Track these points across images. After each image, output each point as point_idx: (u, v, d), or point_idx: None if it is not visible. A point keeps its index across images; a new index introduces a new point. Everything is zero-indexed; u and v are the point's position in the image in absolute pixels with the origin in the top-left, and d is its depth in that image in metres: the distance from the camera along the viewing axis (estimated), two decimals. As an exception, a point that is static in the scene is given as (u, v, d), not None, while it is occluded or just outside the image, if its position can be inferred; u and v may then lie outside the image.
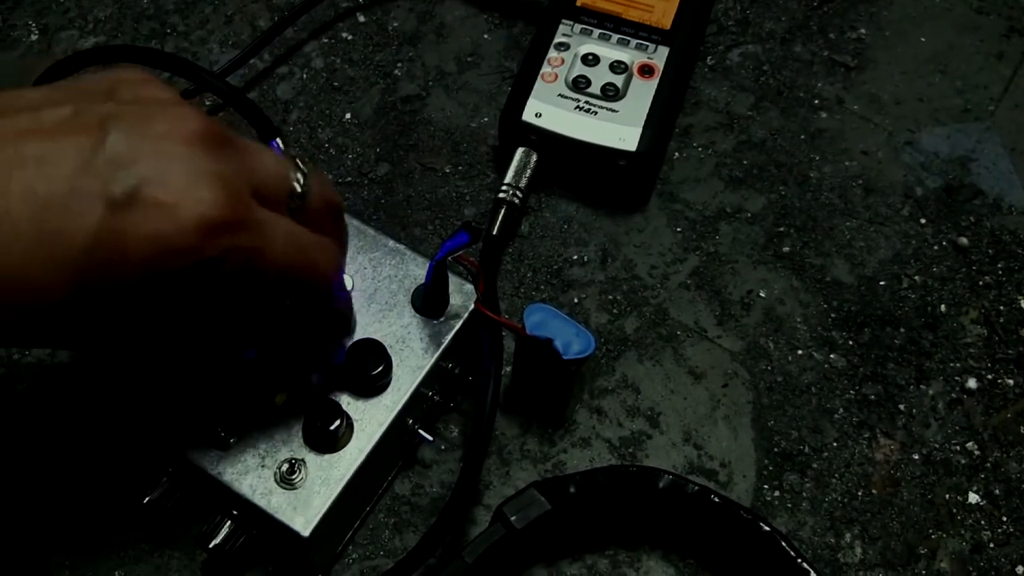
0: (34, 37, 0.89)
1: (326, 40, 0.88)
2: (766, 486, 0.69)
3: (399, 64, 0.87)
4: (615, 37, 0.80)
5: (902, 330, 0.75)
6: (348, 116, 0.84)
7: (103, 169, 0.45)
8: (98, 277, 0.45)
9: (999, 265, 0.77)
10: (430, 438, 0.66)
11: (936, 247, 0.78)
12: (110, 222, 0.45)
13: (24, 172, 0.44)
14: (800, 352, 0.74)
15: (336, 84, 0.86)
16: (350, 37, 0.88)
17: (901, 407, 0.72)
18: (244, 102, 0.76)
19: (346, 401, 0.62)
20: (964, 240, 0.78)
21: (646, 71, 0.79)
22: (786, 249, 0.78)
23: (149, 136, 0.46)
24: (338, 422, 0.60)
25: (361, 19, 0.90)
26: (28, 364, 0.72)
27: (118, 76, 0.51)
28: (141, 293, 0.47)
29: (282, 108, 0.84)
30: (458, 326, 0.66)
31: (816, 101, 0.85)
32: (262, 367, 0.62)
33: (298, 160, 0.54)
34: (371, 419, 0.62)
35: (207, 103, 0.83)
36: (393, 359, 0.63)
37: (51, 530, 0.66)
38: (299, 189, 0.53)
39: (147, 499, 0.61)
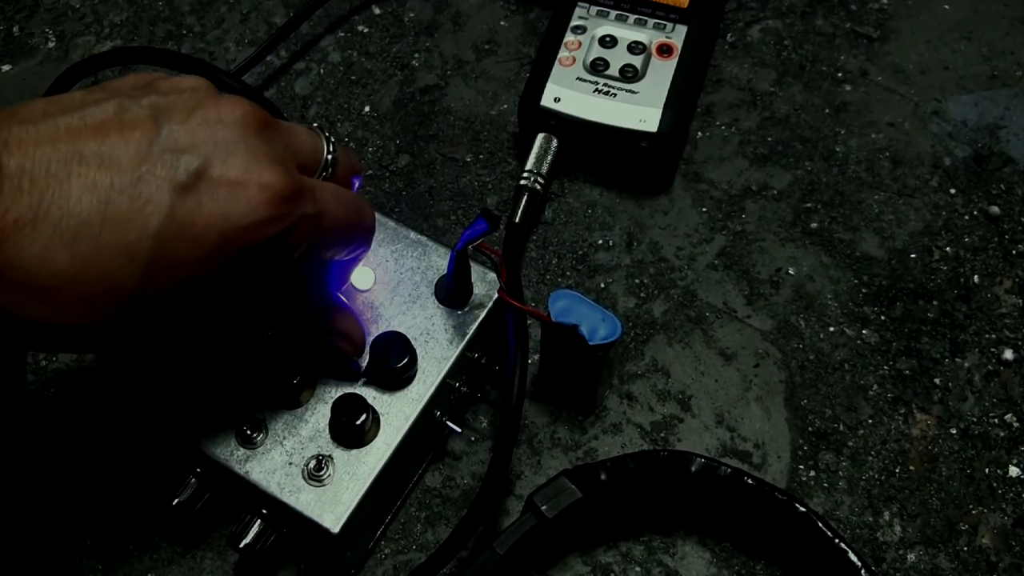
0: (51, 44, 0.89)
1: (342, 34, 0.88)
2: (801, 466, 0.68)
3: (416, 55, 0.87)
4: (632, 18, 0.79)
5: (935, 303, 0.73)
6: (367, 109, 0.84)
7: (164, 156, 0.46)
8: (170, 263, 0.46)
9: (1032, 233, 0.76)
10: (459, 430, 0.66)
11: (967, 217, 0.77)
12: (180, 205, 0.46)
13: (84, 168, 0.45)
14: (832, 329, 0.73)
15: (354, 77, 0.85)
16: (366, 30, 0.88)
17: (936, 381, 0.71)
18: (261, 101, 0.75)
19: (372, 395, 0.62)
20: (995, 209, 0.77)
21: (665, 51, 0.78)
22: (814, 225, 0.77)
23: (201, 123, 0.48)
24: (364, 416, 0.60)
25: (376, 11, 0.89)
26: (56, 369, 0.72)
27: (148, 75, 0.52)
28: (209, 279, 0.48)
29: (300, 104, 0.84)
30: (482, 316, 0.65)
31: (839, 74, 0.84)
32: (283, 352, 0.62)
33: (324, 132, 0.57)
34: (398, 412, 0.62)
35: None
36: (418, 351, 0.63)
37: (82, 534, 0.66)
38: (330, 158, 0.56)
39: (176, 500, 0.61)
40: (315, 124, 0.58)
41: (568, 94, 0.76)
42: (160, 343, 0.57)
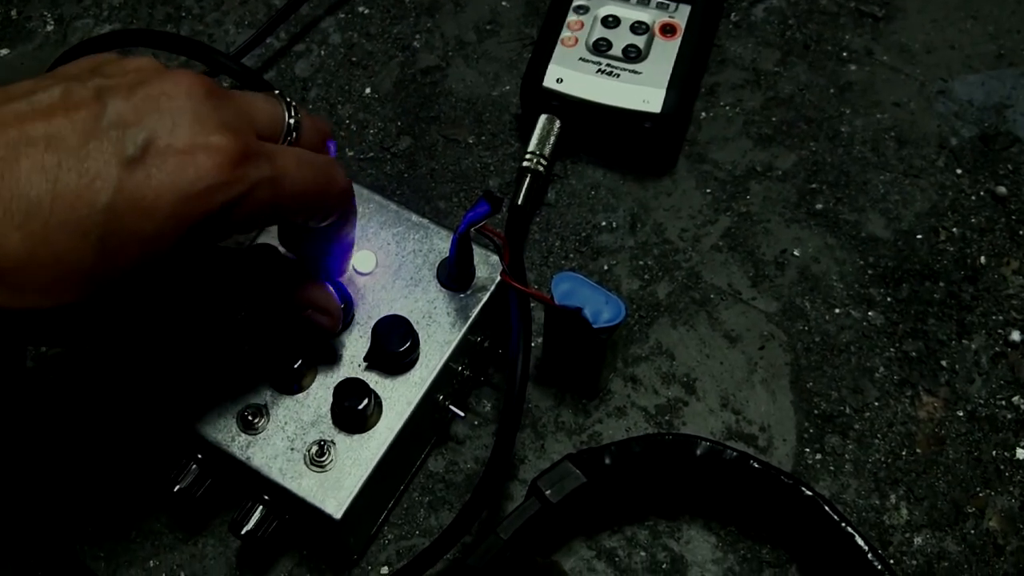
0: (50, 28, 0.88)
1: (342, 15, 0.87)
2: (807, 449, 0.67)
3: (417, 36, 0.86)
4: (635, -3, 0.79)
5: (941, 284, 0.73)
6: (368, 91, 0.83)
7: (110, 132, 0.46)
8: (123, 238, 0.46)
9: (1040, 213, 0.76)
10: (462, 414, 0.65)
11: (974, 197, 0.76)
12: (128, 179, 0.46)
13: (33, 150, 0.45)
14: (837, 311, 0.72)
15: (354, 59, 0.85)
16: (367, 11, 0.87)
17: (943, 363, 0.70)
18: (260, 83, 0.75)
19: (374, 379, 0.62)
20: (1002, 189, 0.76)
21: (668, 30, 0.77)
22: (819, 206, 0.76)
23: (145, 97, 0.48)
24: (366, 401, 0.59)
25: (377, -8, 0.88)
26: (57, 356, 0.72)
27: (97, 58, 0.52)
28: (170, 253, 0.48)
29: (301, 86, 0.83)
30: (485, 299, 0.65)
31: (844, 54, 0.83)
32: (264, 332, 0.63)
33: (285, 98, 0.56)
34: (400, 397, 0.61)
35: (224, 84, 0.82)
36: (420, 335, 0.62)
37: (84, 521, 0.66)
38: (292, 123, 0.55)
39: (176, 487, 0.61)
40: (276, 91, 0.57)
41: (571, 75, 0.76)
42: (129, 327, 0.56)
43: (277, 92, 0.57)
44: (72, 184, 0.45)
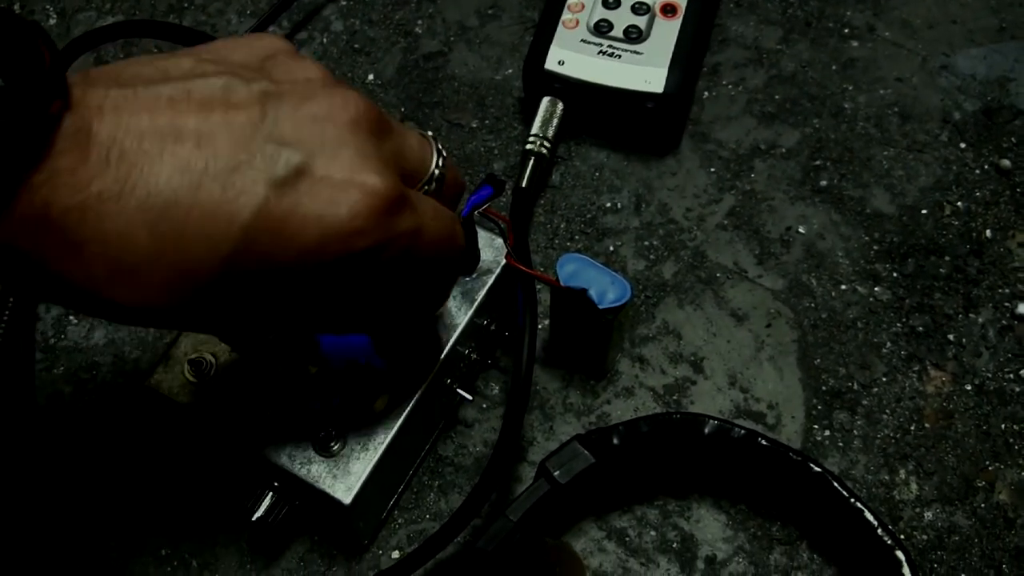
0: (52, 21, 0.88)
1: (344, 2, 0.87)
2: (816, 426, 0.67)
3: (419, 21, 0.86)
4: (635, -22, 0.78)
5: (947, 258, 0.73)
6: (371, 77, 0.83)
7: (266, 146, 0.43)
8: (254, 258, 0.43)
9: (1045, 185, 0.75)
10: (470, 397, 0.65)
11: (978, 171, 0.76)
12: (275, 202, 0.43)
13: (180, 148, 0.42)
14: (844, 287, 0.72)
15: (357, 46, 0.85)
16: (368, -3, 0.87)
17: (950, 337, 0.70)
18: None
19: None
20: (1007, 162, 0.76)
21: (669, 10, 0.77)
22: (823, 183, 0.76)
23: (310, 117, 0.45)
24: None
25: (378, -22, 0.88)
26: (64, 347, 0.72)
27: (266, 48, 0.49)
28: (294, 279, 0.45)
29: (303, 74, 0.83)
30: (491, 282, 0.65)
31: (846, 30, 0.83)
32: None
33: (436, 142, 0.53)
34: (407, 381, 0.61)
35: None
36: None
37: (96, 511, 0.66)
38: (437, 172, 0.52)
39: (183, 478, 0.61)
40: (429, 133, 0.54)
41: (572, 57, 0.76)
42: (248, 331, 0.55)
43: (431, 135, 0.54)
44: (215, 196, 0.42)
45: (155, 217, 0.41)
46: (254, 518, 0.60)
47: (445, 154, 0.53)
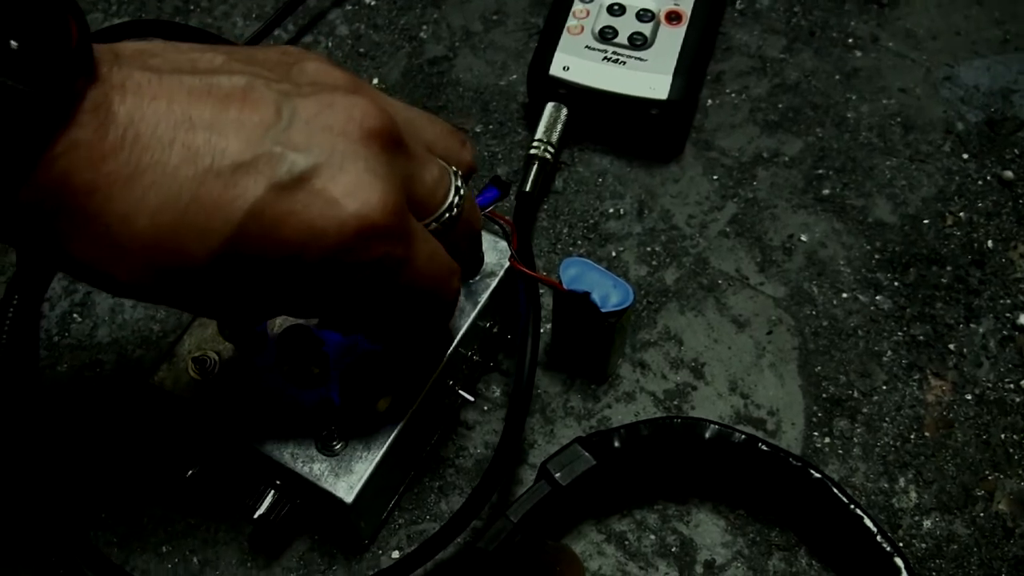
0: (58, 20, 0.88)
1: (349, 7, 0.87)
2: (816, 433, 0.68)
3: (424, 26, 0.86)
4: (640, -15, 0.79)
5: (949, 268, 0.73)
6: (376, 81, 0.83)
7: (273, 148, 0.44)
8: (244, 251, 0.44)
9: (1046, 197, 0.76)
10: (471, 399, 0.65)
11: (980, 182, 0.76)
12: (272, 205, 0.44)
13: (192, 136, 0.43)
14: (845, 295, 0.72)
15: (362, 50, 0.85)
16: (373, 2, 0.88)
17: (951, 347, 0.70)
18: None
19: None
20: (1009, 173, 0.76)
21: (673, 18, 0.77)
22: (826, 192, 0.76)
23: (324, 126, 0.45)
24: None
25: (384, -17, 0.89)
26: (68, 345, 0.72)
27: (298, 56, 0.50)
28: (277, 272, 0.46)
29: (308, 77, 0.83)
30: (494, 284, 0.65)
31: (850, 40, 0.83)
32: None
33: (458, 178, 0.52)
34: (410, 382, 0.61)
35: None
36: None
37: (98, 508, 0.66)
38: (452, 213, 0.52)
39: (190, 472, 0.61)
40: (455, 170, 0.52)
41: (577, 63, 0.76)
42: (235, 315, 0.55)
43: (455, 170, 0.52)
44: (215, 193, 0.43)
45: (157, 206, 0.42)
46: (256, 516, 0.60)
47: (465, 193, 0.52)
